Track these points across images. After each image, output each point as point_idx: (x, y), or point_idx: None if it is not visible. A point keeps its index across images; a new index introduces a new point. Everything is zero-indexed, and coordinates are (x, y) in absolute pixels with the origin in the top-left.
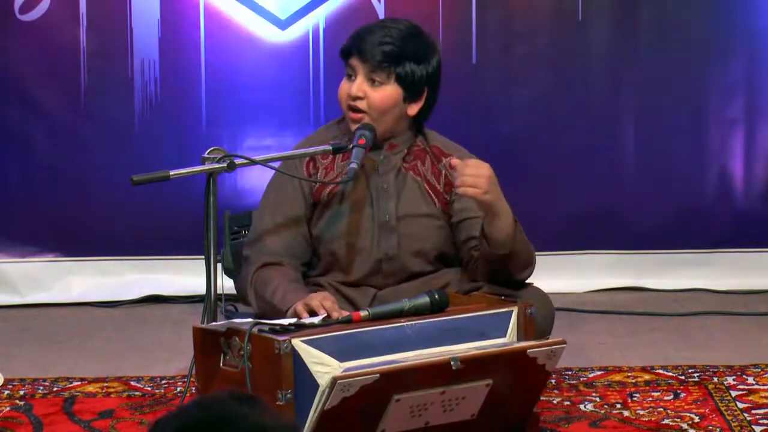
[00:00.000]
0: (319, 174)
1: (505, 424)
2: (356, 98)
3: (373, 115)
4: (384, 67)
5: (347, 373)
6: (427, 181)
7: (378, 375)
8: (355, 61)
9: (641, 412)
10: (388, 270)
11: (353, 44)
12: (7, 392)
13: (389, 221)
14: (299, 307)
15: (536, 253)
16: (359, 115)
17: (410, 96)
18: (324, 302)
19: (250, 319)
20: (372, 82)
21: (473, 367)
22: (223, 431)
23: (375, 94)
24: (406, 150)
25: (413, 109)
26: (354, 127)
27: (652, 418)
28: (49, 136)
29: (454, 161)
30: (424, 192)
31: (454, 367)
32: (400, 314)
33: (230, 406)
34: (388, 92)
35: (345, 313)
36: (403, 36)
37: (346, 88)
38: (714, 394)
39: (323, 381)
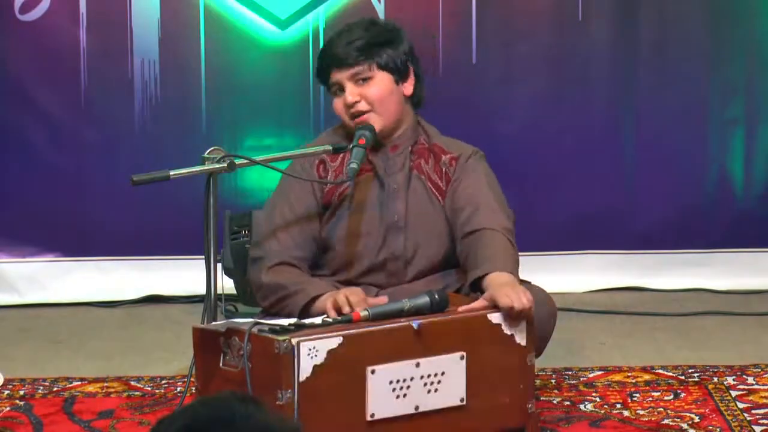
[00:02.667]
0: (329, 176)
1: (501, 419)
2: (354, 104)
3: (377, 109)
4: (361, 61)
5: (311, 336)
6: (430, 179)
7: (341, 338)
8: (336, 75)
9: (641, 412)
10: (392, 269)
11: (324, 61)
12: (7, 392)
13: (398, 221)
14: (328, 304)
15: (536, 253)
16: (364, 117)
17: (400, 77)
18: (351, 297)
19: (250, 319)
20: (360, 81)
21: (437, 332)
22: (230, 430)
23: (369, 89)
24: (410, 148)
25: (408, 88)
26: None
27: (652, 418)
28: (49, 136)
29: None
30: (429, 190)
31: (415, 327)
32: (400, 314)
33: (234, 405)
34: (380, 81)
35: (376, 301)
36: (364, 27)
37: (340, 103)
38: (714, 394)
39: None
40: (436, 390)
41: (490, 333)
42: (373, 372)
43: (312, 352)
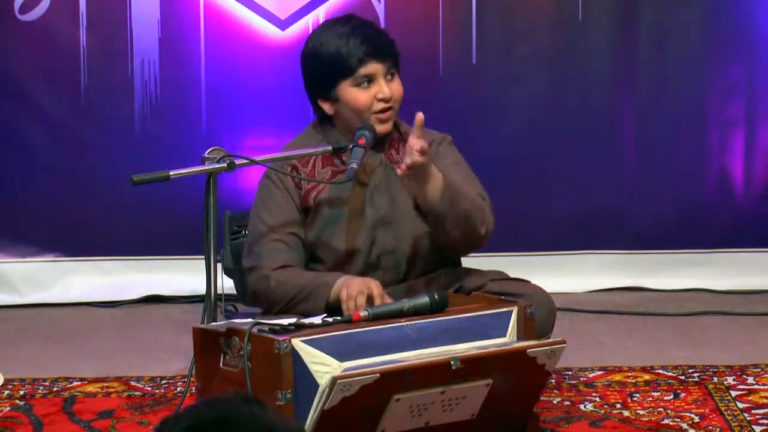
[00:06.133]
0: (302, 183)
1: (505, 423)
2: (389, 98)
3: (397, 107)
4: (394, 59)
5: (347, 372)
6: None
7: (378, 375)
8: (373, 66)
9: (641, 412)
10: (387, 264)
11: (365, 51)
12: (7, 392)
13: (384, 216)
14: (350, 303)
15: (536, 253)
16: (389, 114)
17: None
18: (375, 288)
19: (250, 319)
20: (389, 77)
21: (473, 366)
22: (235, 430)
23: (395, 86)
24: (387, 144)
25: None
26: (383, 127)
27: (652, 418)
28: (49, 136)
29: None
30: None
31: (453, 367)
32: (400, 314)
33: (238, 406)
34: (399, 80)
35: (387, 300)
36: (376, 25)
37: (367, 95)
38: (714, 394)
39: (323, 381)
40: (451, 410)
41: (525, 364)
42: (398, 400)
43: (346, 388)
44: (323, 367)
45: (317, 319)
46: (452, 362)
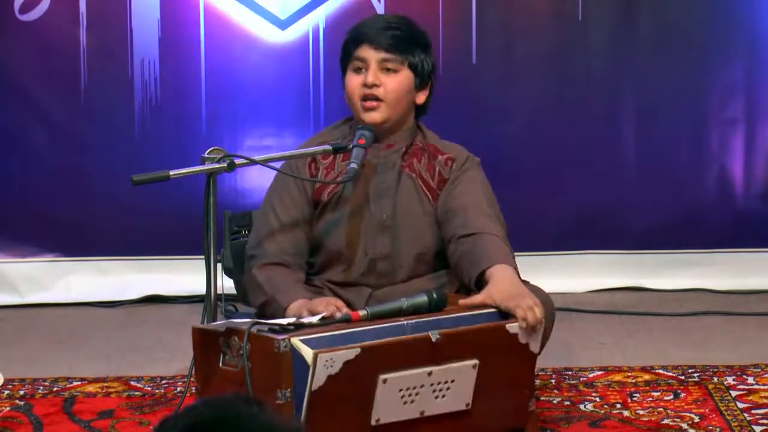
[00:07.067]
0: (319, 174)
1: (503, 420)
2: (373, 85)
3: (390, 102)
4: (396, 52)
5: (328, 348)
6: (421, 177)
7: (359, 349)
8: (365, 51)
9: (641, 412)
10: (382, 269)
11: (360, 33)
12: (7, 392)
13: (385, 220)
14: (304, 313)
15: (536, 253)
16: (374, 103)
17: (420, 83)
18: (328, 307)
19: (249, 319)
20: (385, 71)
21: (454, 342)
22: (234, 430)
23: (391, 80)
24: (404, 148)
25: (421, 98)
26: (368, 116)
27: (652, 418)
28: (49, 136)
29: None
30: (419, 189)
31: (434, 339)
32: (399, 313)
33: (238, 406)
34: (403, 77)
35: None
36: (407, 23)
37: (357, 80)
38: (714, 394)
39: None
40: (443, 396)
41: (506, 342)
42: (384, 381)
43: (329, 363)
44: None
45: (316, 319)
46: (431, 335)
